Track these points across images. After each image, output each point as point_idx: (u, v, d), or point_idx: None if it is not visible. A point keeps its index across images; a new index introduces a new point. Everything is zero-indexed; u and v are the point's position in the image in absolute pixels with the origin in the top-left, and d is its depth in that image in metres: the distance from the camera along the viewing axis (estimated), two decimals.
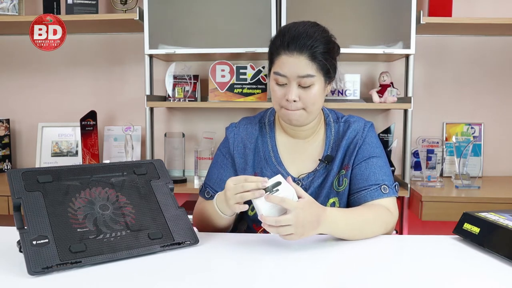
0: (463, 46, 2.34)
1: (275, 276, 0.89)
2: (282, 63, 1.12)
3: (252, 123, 1.31)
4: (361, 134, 1.23)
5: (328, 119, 1.28)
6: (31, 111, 2.51)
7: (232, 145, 1.28)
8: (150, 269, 0.91)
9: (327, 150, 1.24)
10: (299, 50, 1.10)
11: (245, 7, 2.05)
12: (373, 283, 0.86)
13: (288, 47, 1.11)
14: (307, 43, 1.10)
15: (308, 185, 1.23)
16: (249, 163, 1.26)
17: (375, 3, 2.03)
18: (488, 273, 0.91)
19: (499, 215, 1.08)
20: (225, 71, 2.20)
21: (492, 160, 2.37)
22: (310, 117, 1.19)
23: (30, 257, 0.86)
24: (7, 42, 2.48)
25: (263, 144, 1.27)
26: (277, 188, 0.97)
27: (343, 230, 1.06)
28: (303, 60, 1.10)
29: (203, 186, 1.29)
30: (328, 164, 1.23)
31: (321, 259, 0.97)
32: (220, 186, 1.23)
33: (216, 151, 1.33)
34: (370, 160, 1.20)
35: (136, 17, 2.05)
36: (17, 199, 0.93)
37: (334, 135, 1.26)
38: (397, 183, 1.22)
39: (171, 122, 2.46)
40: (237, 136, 1.28)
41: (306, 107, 1.15)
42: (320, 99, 1.17)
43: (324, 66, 1.12)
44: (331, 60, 1.15)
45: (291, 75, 1.12)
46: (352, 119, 1.27)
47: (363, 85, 2.31)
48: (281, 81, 1.14)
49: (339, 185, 1.22)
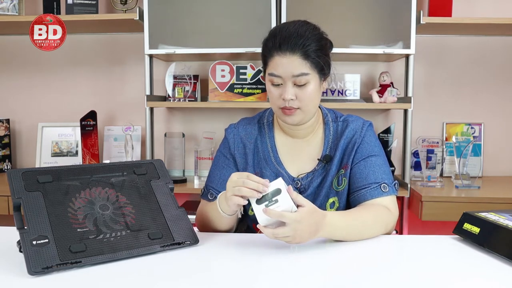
0: (463, 46, 2.34)
1: (275, 276, 0.89)
2: (276, 64, 1.13)
3: (251, 123, 1.31)
4: (359, 134, 1.23)
5: (327, 119, 1.29)
6: (31, 111, 2.51)
7: (233, 145, 1.28)
8: (150, 269, 0.91)
9: (326, 149, 1.25)
10: (291, 50, 1.11)
11: (245, 7, 2.05)
12: (373, 283, 0.86)
13: (280, 48, 1.12)
14: (298, 42, 1.11)
15: (307, 185, 1.23)
16: (249, 162, 1.26)
17: (375, 3, 2.03)
18: (488, 273, 0.91)
19: (499, 215, 1.08)
20: (225, 71, 2.20)
21: (492, 160, 2.37)
22: (307, 116, 1.20)
23: (30, 257, 0.86)
24: (7, 42, 2.48)
25: (262, 144, 1.28)
26: (276, 199, 0.96)
27: (343, 233, 1.06)
28: (296, 59, 1.11)
29: (205, 189, 1.28)
30: (326, 163, 1.23)
31: (321, 259, 0.97)
32: (223, 187, 1.22)
33: (216, 153, 1.33)
34: (369, 159, 1.20)
35: (136, 17, 2.05)
36: (17, 199, 0.93)
37: (332, 134, 1.26)
38: (396, 182, 1.22)
39: (171, 122, 2.46)
40: (237, 137, 1.29)
41: (302, 106, 1.15)
42: (317, 97, 1.18)
43: (317, 63, 1.13)
44: (324, 57, 1.15)
45: (285, 75, 1.13)
46: (350, 119, 1.27)
47: (363, 85, 2.31)
48: (276, 82, 1.15)
49: (339, 185, 1.22)
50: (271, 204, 0.96)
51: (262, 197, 0.98)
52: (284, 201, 0.96)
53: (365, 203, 1.17)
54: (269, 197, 0.97)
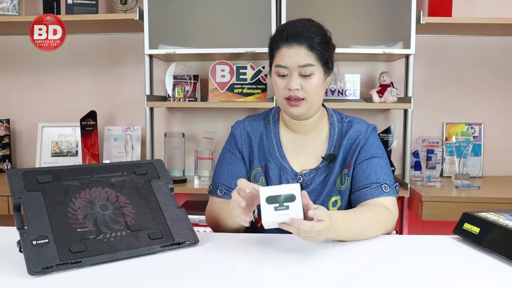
0: (463, 46, 2.34)
1: (275, 276, 0.90)
2: (282, 55, 1.18)
3: (257, 119, 1.34)
4: (363, 135, 1.26)
5: (332, 119, 1.31)
6: (31, 111, 2.50)
7: (240, 140, 1.31)
8: (150, 269, 0.91)
9: (330, 148, 1.27)
10: (297, 42, 1.17)
11: (245, 7, 2.05)
12: (373, 283, 0.86)
13: (287, 39, 1.18)
14: (304, 34, 1.17)
15: (309, 181, 1.25)
16: (255, 155, 1.29)
17: (375, 3, 2.03)
18: (488, 273, 0.91)
19: (499, 215, 1.08)
20: (225, 71, 2.20)
21: (492, 160, 2.37)
22: (311, 109, 1.22)
23: (30, 257, 0.86)
24: (7, 42, 2.48)
25: (267, 139, 1.30)
26: (288, 205, 0.92)
27: (347, 233, 1.06)
28: (302, 50, 1.17)
29: (213, 186, 1.30)
30: (330, 162, 1.25)
31: (321, 259, 0.97)
32: (232, 182, 1.26)
33: (222, 149, 1.35)
34: (371, 160, 1.22)
35: (136, 17, 2.05)
36: (17, 199, 0.93)
37: (337, 134, 1.29)
38: (397, 184, 1.24)
39: (171, 122, 2.46)
40: (243, 131, 1.32)
41: (307, 97, 1.19)
42: (321, 90, 1.22)
43: (322, 56, 1.18)
44: (329, 51, 1.21)
45: (291, 65, 1.17)
46: (355, 120, 1.30)
47: (363, 85, 2.31)
48: (282, 72, 1.19)
49: (342, 184, 1.24)
50: (280, 208, 0.92)
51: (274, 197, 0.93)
52: (295, 209, 0.92)
53: (366, 203, 1.18)
54: (281, 200, 0.92)
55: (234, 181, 1.23)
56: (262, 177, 1.27)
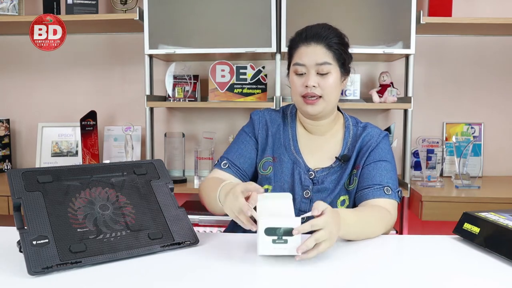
0: (463, 46, 2.34)
1: (275, 276, 0.89)
2: (300, 54, 1.22)
3: (276, 112, 1.38)
4: (375, 139, 1.29)
5: (348, 123, 1.35)
6: (31, 111, 2.51)
7: (258, 126, 1.34)
8: (150, 269, 0.91)
9: (344, 150, 1.30)
10: (316, 41, 1.21)
11: (245, 7, 2.05)
12: (373, 283, 0.86)
13: (306, 39, 1.22)
14: (322, 34, 1.22)
15: (321, 179, 1.27)
16: (269, 144, 1.32)
17: (375, 3, 2.03)
18: (488, 273, 0.91)
19: (499, 215, 1.08)
20: (225, 71, 2.20)
21: (492, 160, 2.37)
22: (327, 108, 1.24)
23: (30, 257, 0.86)
24: (7, 42, 2.48)
25: (284, 132, 1.33)
26: (286, 239, 0.89)
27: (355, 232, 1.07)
28: (320, 49, 1.21)
29: (220, 158, 1.33)
30: (343, 163, 1.28)
31: (321, 259, 0.97)
32: (239, 160, 1.30)
33: (239, 131, 1.38)
34: (379, 163, 1.25)
35: (136, 17, 2.05)
36: (17, 199, 0.93)
37: (352, 137, 1.32)
38: (400, 190, 1.26)
39: (171, 122, 2.46)
40: (262, 119, 1.35)
41: (324, 95, 1.21)
42: (337, 90, 1.25)
43: (340, 56, 1.23)
44: (346, 53, 1.25)
45: (309, 63, 1.21)
46: (370, 126, 1.34)
47: (363, 85, 2.31)
48: (300, 71, 1.22)
49: (350, 184, 1.27)
50: (279, 242, 0.90)
51: (273, 229, 0.90)
52: (293, 244, 0.90)
53: (367, 203, 1.20)
54: (281, 233, 0.90)
55: (241, 160, 1.30)
56: (271, 166, 1.29)
